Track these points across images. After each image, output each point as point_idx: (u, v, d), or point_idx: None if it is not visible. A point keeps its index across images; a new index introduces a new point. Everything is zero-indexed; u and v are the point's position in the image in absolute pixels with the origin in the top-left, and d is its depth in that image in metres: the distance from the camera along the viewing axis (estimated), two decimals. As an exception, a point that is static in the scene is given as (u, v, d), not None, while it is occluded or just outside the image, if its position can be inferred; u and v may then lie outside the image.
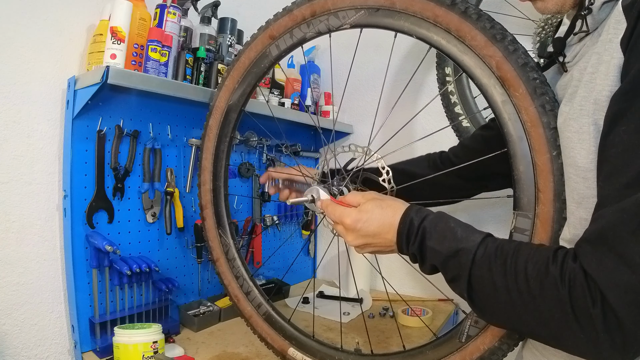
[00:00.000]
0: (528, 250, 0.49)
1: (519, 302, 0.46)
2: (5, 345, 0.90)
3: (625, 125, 0.42)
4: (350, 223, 0.62)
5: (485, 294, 0.50)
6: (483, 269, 0.49)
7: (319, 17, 0.78)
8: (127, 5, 0.95)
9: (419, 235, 0.56)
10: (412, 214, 0.58)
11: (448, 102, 1.26)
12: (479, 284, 0.50)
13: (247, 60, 0.92)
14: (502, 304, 0.48)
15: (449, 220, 0.56)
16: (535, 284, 0.45)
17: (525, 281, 0.45)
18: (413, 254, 0.58)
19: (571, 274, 0.43)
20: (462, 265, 0.51)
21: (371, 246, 0.63)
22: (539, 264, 0.46)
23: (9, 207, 0.90)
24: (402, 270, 1.51)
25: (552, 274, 0.44)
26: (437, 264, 0.55)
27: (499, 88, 0.60)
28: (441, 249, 0.54)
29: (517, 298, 0.46)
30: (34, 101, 0.93)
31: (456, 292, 0.55)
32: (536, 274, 0.45)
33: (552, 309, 0.43)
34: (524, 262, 0.47)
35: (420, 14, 0.66)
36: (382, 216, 0.60)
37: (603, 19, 0.50)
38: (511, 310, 0.48)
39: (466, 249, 0.51)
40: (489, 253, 0.50)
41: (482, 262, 0.50)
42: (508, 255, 0.48)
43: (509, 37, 0.60)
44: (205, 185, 1.03)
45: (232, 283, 1.01)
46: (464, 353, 0.66)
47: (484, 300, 0.51)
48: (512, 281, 0.46)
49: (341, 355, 0.84)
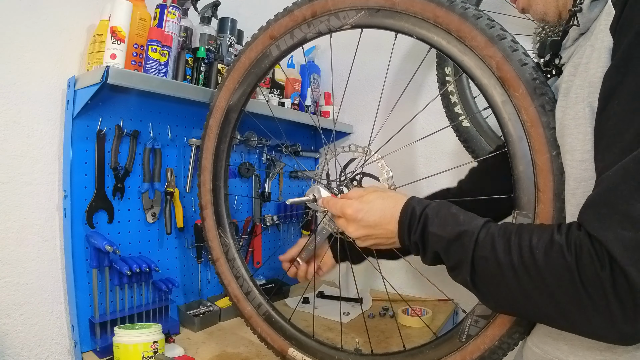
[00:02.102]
0: (532, 226, 0.49)
1: (525, 277, 0.45)
2: (5, 345, 0.90)
3: (618, 99, 0.43)
4: (351, 213, 0.62)
5: (490, 275, 0.49)
6: (486, 249, 0.49)
7: (319, 17, 0.78)
8: (127, 5, 0.95)
9: (420, 222, 0.56)
10: (414, 204, 0.59)
11: (448, 102, 1.26)
12: (482, 265, 0.49)
13: (247, 61, 0.92)
14: (507, 283, 0.47)
15: (451, 207, 0.57)
16: (540, 255, 0.44)
17: (530, 254, 0.45)
18: (415, 242, 0.57)
19: (577, 240, 0.42)
20: (465, 247, 0.51)
21: (372, 238, 0.62)
22: (543, 235, 0.45)
23: (9, 207, 0.90)
24: (402, 270, 1.51)
25: (557, 243, 0.43)
26: (440, 249, 0.54)
27: (499, 88, 0.61)
28: (443, 234, 0.53)
29: (522, 273, 0.45)
30: (34, 101, 0.93)
31: (458, 280, 0.54)
32: (541, 245, 0.44)
33: (560, 279, 0.42)
34: (529, 236, 0.46)
35: (420, 14, 0.66)
36: (384, 206, 0.60)
37: (594, 18, 0.51)
38: (517, 289, 0.46)
39: (469, 232, 0.51)
40: (492, 233, 0.50)
41: (485, 243, 0.49)
42: (512, 233, 0.48)
43: (509, 37, 0.60)
44: (205, 185, 1.03)
45: (232, 283, 1.01)
46: (464, 352, 0.66)
47: (488, 283, 0.50)
48: (517, 256, 0.46)
49: (341, 355, 0.84)
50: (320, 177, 0.84)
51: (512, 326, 0.61)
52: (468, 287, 0.52)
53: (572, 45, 0.56)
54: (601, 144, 0.45)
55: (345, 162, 0.86)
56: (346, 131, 1.67)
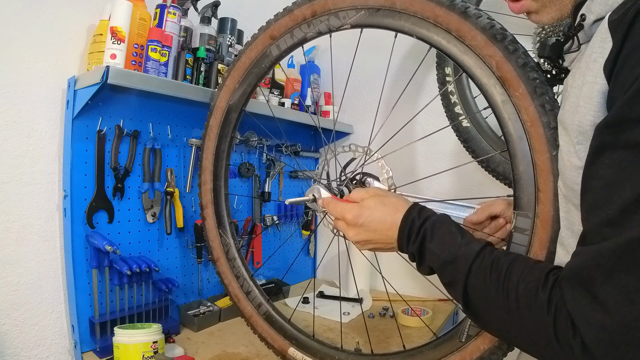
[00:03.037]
0: (522, 267, 0.49)
1: (509, 319, 0.48)
2: (5, 345, 0.90)
3: (609, 160, 0.41)
4: (351, 218, 0.63)
5: (479, 303, 0.51)
6: (478, 280, 0.51)
7: (319, 17, 0.78)
8: (127, 5, 0.95)
9: (419, 236, 0.56)
10: (415, 214, 0.58)
11: (448, 102, 1.26)
12: (473, 293, 0.51)
13: (247, 61, 0.93)
14: (494, 316, 0.50)
15: (450, 225, 0.56)
16: (524, 305, 0.46)
17: (515, 301, 0.47)
18: (412, 253, 0.58)
19: (557, 303, 0.44)
20: (459, 271, 0.52)
21: (372, 243, 0.63)
22: (529, 286, 0.47)
23: (9, 207, 0.90)
24: (403, 270, 1.51)
25: (540, 299, 0.45)
26: (435, 267, 0.56)
27: (499, 88, 0.61)
28: (440, 254, 0.54)
29: (506, 315, 0.48)
30: (34, 101, 0.93)
31: (451, 296, 0.56)
32: (526, 295, 0.46)
33: (538, 331, 0.45)
34: (517, 280, 0.48)
35: (420, 14, 0.66)
36: (384, 213, 0.61)
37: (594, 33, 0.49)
38: (501, 324, 0.50)
39: (464, 257, 0.52)
40: (485, 265, 0.51)
41: (478, 273, 0.51)
42: (502, 270, 0.49)
43: (509, 37, 0.60)
44: (205, 185, 1.03)
45: (232, 283, 1.01)
46: (464, 353, 0.67)
47: (477, 309, 0.52)
48: (504, 298, 0.48)
49: (341, 355, 0.84)
50: (320, 177, 0.84)
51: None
52: (460, 304, 0.54)
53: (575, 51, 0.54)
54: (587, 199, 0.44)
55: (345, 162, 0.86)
56: (346, 131, 1.67)
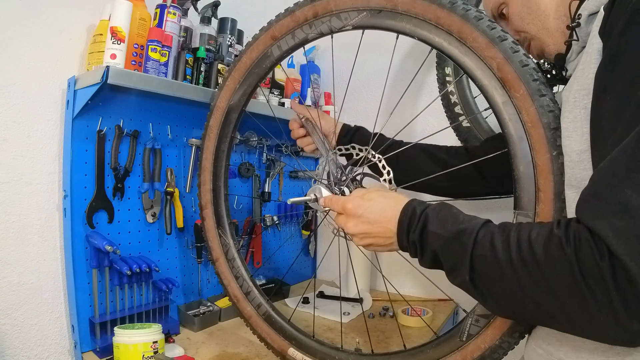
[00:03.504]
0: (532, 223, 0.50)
1: (524, 273, 0.44)
2: (5, 345, 0.89)
3: (610, 95, 0.44)
4: (351, 208, 0.63)
5: (489, 274, 0.48)
6: (485, 247, 0.49)
7: (321, 18, 0.79)
8: (127, 5, 0.95)
9: (420, 221, 0.56)
10: (415, 204, 0.59)
11: (448, 102, 1.27)
12: (481, 264, 0.49)
13: (248, 61, 0.93)
14: (507, 281, 0.46)
15: (451, 208, 0.57)
16: (539, 248, 0.44)
17: (529, 248, 0.44)
18: (413, 242, 0.57)
19: (575, 232, 0.42)
20: (464, 246, 0.50)
21: (370, 236, 0.62)
22: (542, 230, 0.45)
23: (9, 207, 0.90)
24: (403, 270, 1.51)
25: (556, 236, 0.43)
26: (438, 248, 0.54)
27: (500, 89, 0.61)
28: (443, 232, 0.53)
29: (521, 269, 0.44)
30: (34, 101, 0.93)
31: (457, 282, 0.53)
32: (540, 239, 0.44)
33: (559, 272, 0.42)
34: (528, 231, 0.46)
35: (422, 15, 0.66)
36: (385, 205, 0.61)
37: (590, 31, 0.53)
38: (516, 287, 0.46)
39: (468, 230, 0.51)
40: (491, 231, 0.50)
41: (484, 241, 0.49)
42: (511, 230, 0.48)
43: (510, 38, 0.60)
44: (205, 185, 1.03)
45: (231, 283, 1.01)
46: (464, 352, 0.67)
47: (487, 283, 0.49)
48: (516, 251, 0.45)
49: (341, 355, 0.84)
50: (321, 177, 0.84)
51: (512, 325, 0.62)
52: (467, 287, 0.52)
53: (575, 58, 0.57)
54: (597, 141, 0.46)
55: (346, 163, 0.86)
56: (346, 131, 1.67)
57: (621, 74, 0.43)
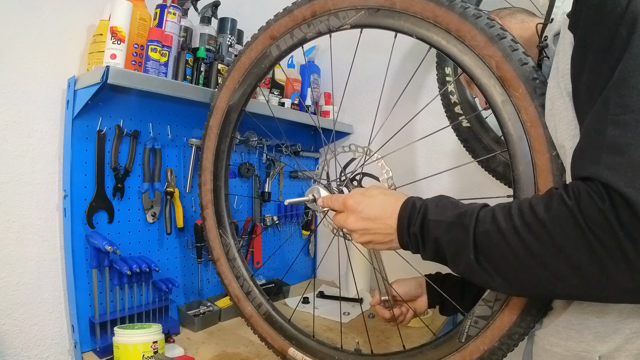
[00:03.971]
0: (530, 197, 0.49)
1: (529, 236, 0.44)
2: (5, 345, 0.90)
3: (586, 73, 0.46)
4: (352, 203, 0.63)
5: (494, 248, 0.47)
6: (487, 223, 0.48)
7: (319, 17, 0.78)
8: (127, 5, 0.95)
9: (420, 212, 0.56)
10: (414, 199, 0.59)
11: (448, 102, 1.26)
12: (485, 240, 0.48)
13: (247, 61, 0.92)
14: (513, 250, 0.45)
15: (450, 198, 0.58)
16: (541, 209, 0.44)
17: (531, 212, 0.44)
18: (414, 234, 0.56)
19: (574, 187, 0.43)
20: (466, 227, 0.50)
21: (370, 233, 0.62)
22: (543, 195, 0.46)
23: (9, 207, 0.90)
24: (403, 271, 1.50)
25: (556, 194, 0.44)
26: (440, 234, 0.53)
27: (499, 88, 0.60)
28: (443, 218, 0.53)
29: (526, 233, 0.44)
30: (34, 101, 0.93)
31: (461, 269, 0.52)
32: (541, 201, 0.45)
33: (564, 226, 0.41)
34: (528, 200, 0.47)
35: (420, 14, 0.66)
36: (385, 201, 0.61)
37: None
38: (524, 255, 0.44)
39: (469, 211, 0.51)
40: (492, 209, 0.50)
41: (485, 218, 0.49)
42: (512, 205, 0.48)
43: (509, 37, 0.60)
44: (206, 185, 1.03)
45: (232, 283, 1.01)
46: (463, 353, 0.66)
47: (493, 257, 0.48)
48: (519, 218, 0.45)
49: (341, 355, 0.84)
50: (320, 177, 0.84)
51: (511, 327, 0.61)
52: (472, 269, 0.50)
53: None
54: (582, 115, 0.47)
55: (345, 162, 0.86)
56: (346, 131, 1.67)
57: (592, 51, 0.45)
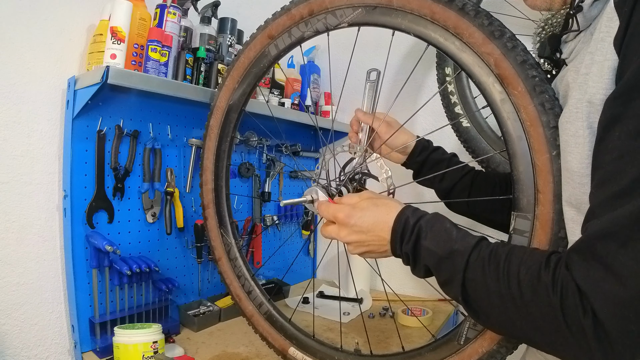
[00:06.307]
0: (521, 253, 0.48)
1: (512, 307, 0.46)
2: (5, 345, 0.90)
3: (619, 131, 0.40)
4: (342, 217, 0.62)
5: (479, 297, 0.50)
6: (477, 272, 0.49)
7: (316, 15, 0.78)
8: (127, 5, 0.95)
9: (414, 234, 0.55)
10: (408, 213, 0.58)
11: (448, 102, 1.26)
12: (472, 287, 0.50)
13: (246, 60, 0.92)
14: (496, 308, 0.48)
15: (445, 222, 0.56)
16: (527, 289, 0.44)
17: (517, 287, 0.45)
18: (406, 253, 0.56)
19: (563, 281, 0.42)
20: (456, 267, 0.51)
21: (364, 245, 0.61)
22: (531, 269, 0.45)
23: (9, 207, 0.90)
24: (403, 271, 1.50)
25: (543, 281, 0.43)
26: (431, 264, 0.54)
27: (498, 86, 0.60)
28: (436, 249, 0.53)
29: (510, 303, 0.46)
30: (34, 101, 0.93)
31: (450, 296, 0.54)
32: (528, 279, 0.44)
33: (545, 315, 0.43)
34: (517, 266, 0.46)
35: (417, 11, 0.65)
36: (377, 213, 0.60)
37: (595, 16, 0.49)
38: (504, 315, 0.47)
39: (460, 251, 0.51)
40: (482, 256, 0.50)
41: (475, 265, 0.49)
42: (501, 259, 0.48)
43: (508, 34, 0.59)
44: (207, 185, 1.03)
45: (234, 282, 1.01)
46: (462, 355, 0.66)
47: (478, 304, 0.50)
48: (505, 286, 0.46)
49: (341, 356, 0.84)
50: (319, 178, 0.84)
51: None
52: (460, 303, 0.53)
53: (573, 39, 0.54)
54: (597, 176, 0.43)
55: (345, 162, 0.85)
56: (345, 131, 1.66)
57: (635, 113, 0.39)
